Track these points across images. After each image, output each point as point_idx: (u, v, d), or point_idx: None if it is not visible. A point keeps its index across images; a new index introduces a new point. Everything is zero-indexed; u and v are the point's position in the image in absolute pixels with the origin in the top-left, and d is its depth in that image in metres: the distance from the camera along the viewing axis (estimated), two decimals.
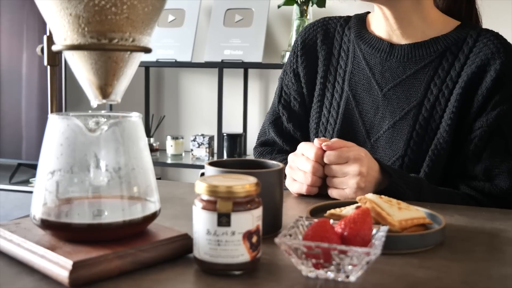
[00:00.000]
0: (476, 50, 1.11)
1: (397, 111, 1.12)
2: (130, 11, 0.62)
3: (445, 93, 1.10)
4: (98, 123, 0.66)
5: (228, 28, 2.67)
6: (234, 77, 2.84)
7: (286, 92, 1.25)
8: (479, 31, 1.14)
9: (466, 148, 1.09)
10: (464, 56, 1.12)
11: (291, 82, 1.25)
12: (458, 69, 1.11)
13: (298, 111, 1.24)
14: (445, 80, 1.11)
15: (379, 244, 0.60)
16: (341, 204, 0.84)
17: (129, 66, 0.68)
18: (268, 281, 0.61)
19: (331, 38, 1.24)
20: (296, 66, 1.24)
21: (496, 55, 1.08)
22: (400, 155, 1.10)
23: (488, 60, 1.08)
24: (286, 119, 1.24)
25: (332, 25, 1.25)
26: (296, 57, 1.25)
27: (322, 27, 1.25)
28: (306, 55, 1.24)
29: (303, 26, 2.46)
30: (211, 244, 0.61)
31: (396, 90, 1.13)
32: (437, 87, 1.11)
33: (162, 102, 3.02)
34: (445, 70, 1.12)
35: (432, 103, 1.11)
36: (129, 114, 0.68)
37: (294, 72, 1.25)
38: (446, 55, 1.13)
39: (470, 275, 0.64)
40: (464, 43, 1.13)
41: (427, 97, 1.11)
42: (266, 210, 0.66)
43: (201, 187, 0.62)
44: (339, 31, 1.24)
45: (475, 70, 1.09)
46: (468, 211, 0.92)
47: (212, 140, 2.76)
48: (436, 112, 1.10)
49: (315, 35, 1.24)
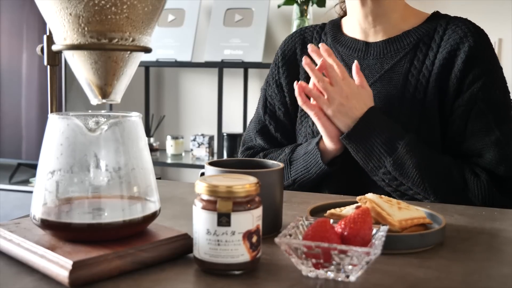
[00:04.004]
0: (446, 37, 1.14)
1: (380, 106, 1.13)
2: (130, 11, 0.62)
3: (422, 82, 1.13)
4: (98, 123, 0.66)
5: (228, 28, 2.67)
6: (234, 77, 2.84)
7: (270, 103, 1.29)
8: (448, 20, 1.18)
9: (450, 130, 1.12)
10: (436, 44, 1.15)
11: (274, 93, 1.28)
12: (432, 58, 1.14)
13: (283, 120, 1.27)
14: (421, 70, 1.14)
15: (379, 244, 0.60)
16: (341, 204, 0.84)
17: (129, 66, 0.68)
18: (268, 281, 0.61)
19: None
20: (278, 77, 1.28)
21: (464, 38, 1.12)
22: None
23: (458, 45, 1.12)
24: (274, 128, 1.27)
25: (309, 33, 1.30)
26: (278, 69, 1.29)
27: (300, 36, 1.30)
28: (286, 65, 1.28)
29: (303, 26, 2.46)
30: (211, 244, 0.61)
31: (376, 86, 1.16)
32: (415, 77, 1.14)
33: (162, 102, 3.02)
34: (420, 61, 1.15)
35: (412, 93, 1.13)
36: (129, 114, 0.68)
37: (276, 83, 1.28)
38: (420, 46, 1.16)
39: (470, 275, 0.64)
40: (435, 32, 1.17)
41: (407, 88, 1.14)
42: (266, 210, 0.66)
43: (201, 187, 0.62)
44: (316, 37, 1.29)
45: (446, 56, 1.12)
46: (468, 211, 0.92)
47: (212, 140, 2.76)
48: (418, 102, 1.13)
49: (294, 45, 1.29)
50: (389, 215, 0.74)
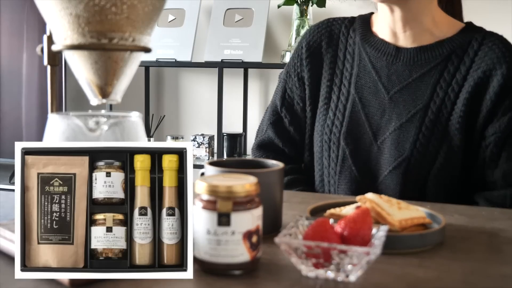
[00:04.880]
0: (481, 54, 1.11)
1: (403, 113, 1.12)
2: (130, 11, 0.63)
3: (451, 96, 1.11)
4: (98, 123, 0.66)
5: (228, 28, 2.67)
6: (234, 77, 2.84)
7: (289, 96, 1.25)
8: (484, 35, 1.14)
9: (482, 155, 1.10)
10: (469, 59, 1.12)
11: (295, 86, 1.25)
12: (464, 73, 1.12)
13: (299, 115, 1.25)
14: (451, 83, 1.12)
15: (379, 244, 0.60)
16: (341, 204, 0.84)
17: (129, 66, 0.68)
18: (268, 280, 0.61)
19: (336, 41, 1.23)
20: (301, 70, 1.24)
21: (502, 59, 1.09)
22: (406, 156, 1.10)
23: (494, 65, 1.09)
24: (288, 122, 1.24)
25: (336, 26, 1.24)
26: (301, 61, 1.24)
27: (327, 29, 1.24)
28: (311, 58, 1.23)
29: (303, 26, 2.46)
30: (211, 243, 0.61)
31: (402, 93, 1.14)
32: (443, 90, 1.12)
33: (162, 102, 3.02)
34: (451, 73, 1.12)
35: (438, 106, 1.11)
36: (129, 114, 0.67)
37: (298, 76, 1.24)
38: (452, 58, 1.13)
39: (470, 274, 0.64)
40: (469, 46, 1.13)
41: (433, 99, 1.12)
42: (266, 210, 0.66)
43: (201, 187, 0.62)
44: (344, 33, 1.23)
45: (481, 75, 1.10)
46: (468, 211, 0.92)
47: (212, 140, 2.75)
48: (443, 115, 1.11)
49: (320, 37, 1.24)
50: (389, 215, 0.74)
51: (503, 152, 1.08)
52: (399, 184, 1.10)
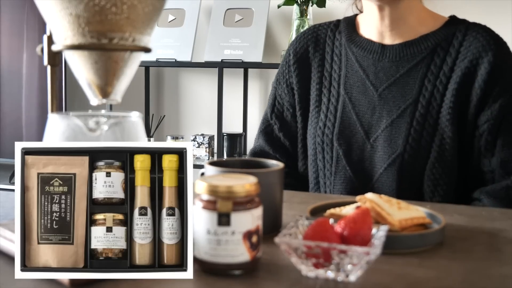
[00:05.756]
0: (466, 44, 1.13)
1: (393, 109, 1.13)
2: (130, 11, 0.63)
3: (439, 88, 1.12)
4: (98, 123, 0.66)
5: (228, 28, 2.67)
6: (234, 77, 2.84)
7: (279, 103, 1.27)
8: (467, 25, 1.16)
9: (477, 144, 1.11)
10: (455, 50, 1.13)
11: (284, 93, 1.26)
12: (450, 64, 1.13)
13: (289, 122, 1.26)
14: (439, 75, 1.13)
15: (379, 244, 0.60)
16: (341, 204, 0.84)
17: (129, 66, 0.68)
18: (268, 280, 0.61)
19: (322, 44, 1.25)
20: (289, 76, 1.26)
21: (487, 47, 1.10)
22: (400, 152, 1.10)
23: (480, 53, 1.10)
24: (278, 128, 1.26)
25: (322, 31, 1.27)
26: (289, 67, 1.26)
27: (313, 34, 1.27)
28: (298, 63, 1.25)
29: (303, 26, 2.46)
30: (211, 243, 0.61)
31: (391, 89, 1.14)
32: (431, 83, 1.13)
33: (162, 102, 3.02)
34: (438, 66, 1.13)
35: (428, 99, 1.12)
36: (129, 114, 0.67)
37: (287, 83, 1.26)
38: (437, 51, 1.14)
39: (470, 274, 0.64)
40: (454, 38, 1.15)
41: (422, 93, 1.13)
42: (266, 210, 0.66)
43: (201, 187, 0.62)
44: (330, 36, 1.25)
45: (468, 65, 1.11)
46: (468, 211, 0.92)
47: (212, 140, 2.75)
48: (433, 108, 1.11)
49: (306, 43, 1.26)
50: (389, 215, 0.74)
51: (498, 139, 1.09)
52: (395, 181, 1.10)
